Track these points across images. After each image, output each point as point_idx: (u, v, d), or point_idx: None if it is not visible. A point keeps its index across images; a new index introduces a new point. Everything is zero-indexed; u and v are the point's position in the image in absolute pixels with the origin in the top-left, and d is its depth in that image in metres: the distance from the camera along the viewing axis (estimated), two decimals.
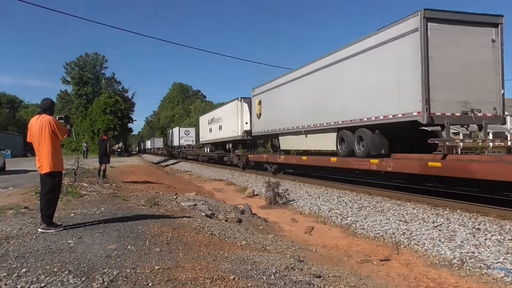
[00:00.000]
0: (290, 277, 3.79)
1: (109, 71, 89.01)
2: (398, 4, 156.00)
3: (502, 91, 9.69)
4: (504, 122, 10.22)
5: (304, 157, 15.14)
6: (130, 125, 59.22)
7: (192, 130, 46.99)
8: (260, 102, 20.34)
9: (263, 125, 19.83)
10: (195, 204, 9.06)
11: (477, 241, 6.27)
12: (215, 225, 6.70)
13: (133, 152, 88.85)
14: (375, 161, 10.39)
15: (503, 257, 5.56)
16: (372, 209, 9.36)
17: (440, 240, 6.59)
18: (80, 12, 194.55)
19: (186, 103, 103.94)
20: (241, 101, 23.52)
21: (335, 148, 13.20)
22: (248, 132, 22.58)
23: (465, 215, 7.83)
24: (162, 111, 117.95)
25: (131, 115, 59.90)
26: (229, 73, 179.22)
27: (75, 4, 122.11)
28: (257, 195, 13.77)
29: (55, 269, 3.38)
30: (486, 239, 6.30)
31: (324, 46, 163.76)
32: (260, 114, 20.41)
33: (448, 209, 8.45)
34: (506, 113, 10.00)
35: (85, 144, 12.57)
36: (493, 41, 9.58)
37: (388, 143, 11.01)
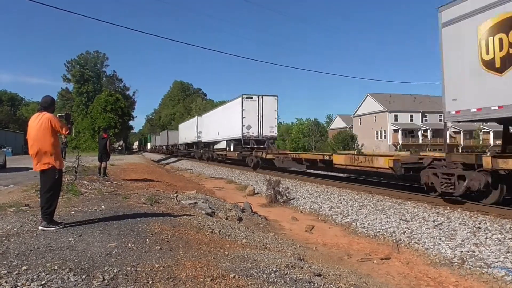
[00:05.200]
0: (290, 276, 3.79)
1: (110, 69, 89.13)
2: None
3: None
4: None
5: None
6: (130, 122, 59.22)
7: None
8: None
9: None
10: (196, 202, 9.06)
11: (477, 240, 6.28)
12: (216, 223, 6.70)
13: (134, 150, 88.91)
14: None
15: (503, 256, 5.56)
16: (372, 207, 9.36)
17: (440, 239, 6.60)
18: (81, 10, 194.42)
19: (187, 101, 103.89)
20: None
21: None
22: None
23: (465, 214, 7.83)
24: (163, 109, 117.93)
25: (132, 113, 59.87)
26: (230, 72, 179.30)
27: (76, 2, 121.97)
28: (257, 193, 13.77)
29: (56, 267, 3.38)
30: (486, 238, 6.31)
31: (324, 45, 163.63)
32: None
33: (448, 208, 8.45)
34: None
35: (63, 140, 11.80)
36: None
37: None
